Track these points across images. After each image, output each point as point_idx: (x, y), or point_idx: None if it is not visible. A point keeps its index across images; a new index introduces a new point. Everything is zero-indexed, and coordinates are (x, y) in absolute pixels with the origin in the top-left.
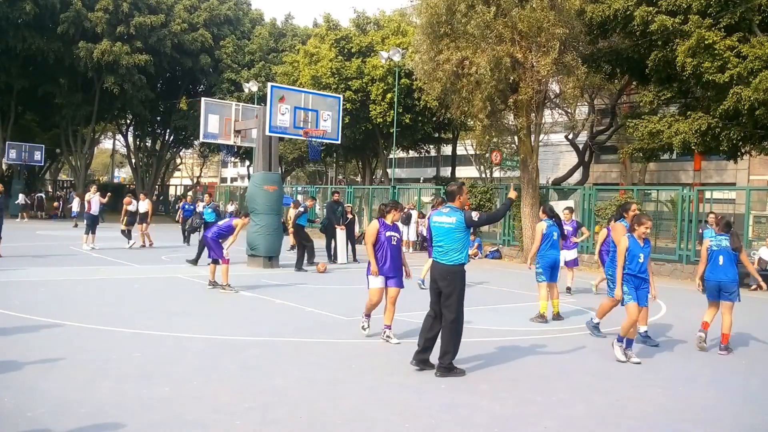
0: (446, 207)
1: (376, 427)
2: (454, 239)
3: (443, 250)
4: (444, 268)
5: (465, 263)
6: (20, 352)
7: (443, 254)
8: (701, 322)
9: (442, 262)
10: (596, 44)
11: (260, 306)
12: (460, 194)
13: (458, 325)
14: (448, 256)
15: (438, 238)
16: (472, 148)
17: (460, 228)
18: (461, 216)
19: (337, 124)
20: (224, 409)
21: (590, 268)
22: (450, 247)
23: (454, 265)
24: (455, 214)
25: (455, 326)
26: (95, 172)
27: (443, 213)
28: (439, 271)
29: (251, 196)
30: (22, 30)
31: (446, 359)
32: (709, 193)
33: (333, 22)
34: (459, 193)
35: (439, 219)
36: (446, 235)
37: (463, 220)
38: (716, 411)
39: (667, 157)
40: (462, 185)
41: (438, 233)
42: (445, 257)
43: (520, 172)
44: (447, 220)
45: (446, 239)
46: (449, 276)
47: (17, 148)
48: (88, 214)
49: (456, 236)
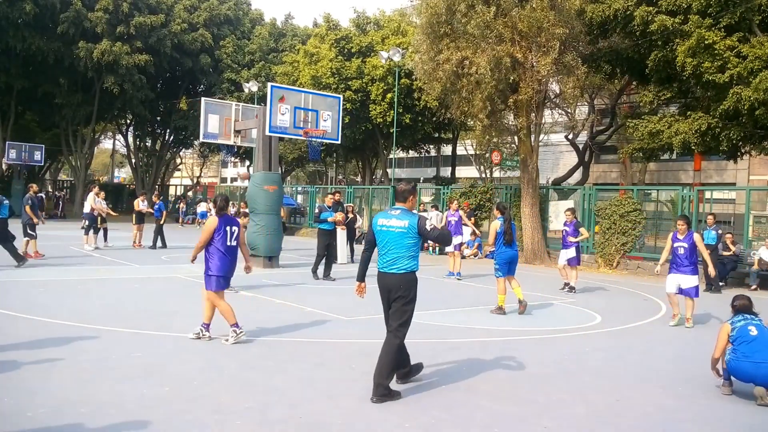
0: (395, 209)
1: (376, 427)
2: (404, 245)
3: (392, 257)
4: (396, 278)
5: (416, 270)
6: (20, 352)
7: (392, 263)
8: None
9: (391, 272)
10: (596, 44)
11: (260, 306)
12: (412, 195)
13: (402, 340)
14: (399, 264)
15: (386, 245)
16: (472, 148)
17: (412, 233)
18: (414, 220)
19: (337, 124)
20: (224, 409)
21: (590, 267)
22: (400, 254)
23: (407, 273)
24: (407, 217)
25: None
26: (95, 172)
27: (392, 215)
28: (391, 282)
29: (251, 196)
30: (22, 30)
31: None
32: (709, 193)
33: (333, 22)
34: (411, 194)
35: (387, 222)
36: (396, 241)
37: (416, 225)
38: (716, 411)
39: (667, 157)
40: (414, 187)
41: (386, 239)
42: (394, 266)
43: (520, 172)
44: (397, 223)
45: (396, 245)
46: (404, 286)
47: (17, 148)
48: (89, 214)
49: (407, 242)
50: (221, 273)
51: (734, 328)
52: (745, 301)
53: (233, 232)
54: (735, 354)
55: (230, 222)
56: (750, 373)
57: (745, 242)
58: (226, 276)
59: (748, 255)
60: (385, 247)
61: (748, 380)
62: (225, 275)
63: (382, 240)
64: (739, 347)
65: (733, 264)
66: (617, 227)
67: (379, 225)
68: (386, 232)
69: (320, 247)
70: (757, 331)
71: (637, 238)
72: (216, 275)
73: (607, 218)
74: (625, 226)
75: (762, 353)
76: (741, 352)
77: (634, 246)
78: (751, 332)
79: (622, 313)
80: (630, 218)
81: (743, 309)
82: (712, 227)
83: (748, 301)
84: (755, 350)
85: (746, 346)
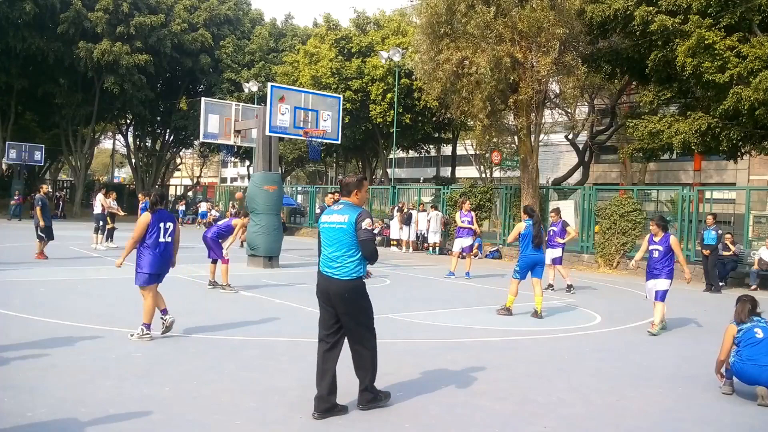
0: (340, 203)
1: (376, 427)
2: (345, 244)
3: (332, 258)
4: (340, 285)
5: (363, 275)
6: (20, 352)
7: (333, 264)
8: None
9: (335, 276)
10: (596, 44)
11: (260, 306)
12: (358, 189)
13: (374, 350)
14: (340, 267)
15: (328, 244)
16: (472, 148)
17: (353, 230)
18: (354, 215)
19: (337, 124)
20: (224, 409)
21: (590, 267)
22: (341, 254)
23: (351, 280)
24: (348, 211)
25: (371, 353)
26: (95, 172)
27: (334, 210)
28: (335, 290)
29: (251, 196)
30: (22, 30)
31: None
32: (709, 193)
33: (333, 22)
34: (358, 188)
35: (328, 218)
36: (338, 240)
37: (354, 222)
38: (716, 411)
39: (667, 157)
40: (362, 180)
41: (328, 236)
42: (339, 270)
43: (520, 172)
44: (338, 219)
45: (338, 245)
46: (349, 294)
47: (17, 148)
48: (101, 214)
49: (348, 241)
50: (152, 270)
51: (740, 329)
52: (749, 304)
53: (167, 228)
54: (739, 356)
55: (164, 218)
56: (754, 376)
57: (745, 242)
58: (158, 273)
59: (748, 255)
60: (326, 246)
61: (753, 383)
62: (155, 272)
63: (324, 238)
64: (744, 349)
65: (733, 264)
66: (617, 227)
67: (322, 221)
68: (327, 228)
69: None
70: (763, 333)
71: (637, 238)
72: (146, 272)
73: (607, 218)
74: (625, 226)
75: (766, 356)
76: (746, 354)
77: (634, 246)
78: (757, 335)
79: (622, 313)
80: (630, 218)
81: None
82: (712, 227)
83: (752, 302)
84: (760, 353)
85: (751, 349)
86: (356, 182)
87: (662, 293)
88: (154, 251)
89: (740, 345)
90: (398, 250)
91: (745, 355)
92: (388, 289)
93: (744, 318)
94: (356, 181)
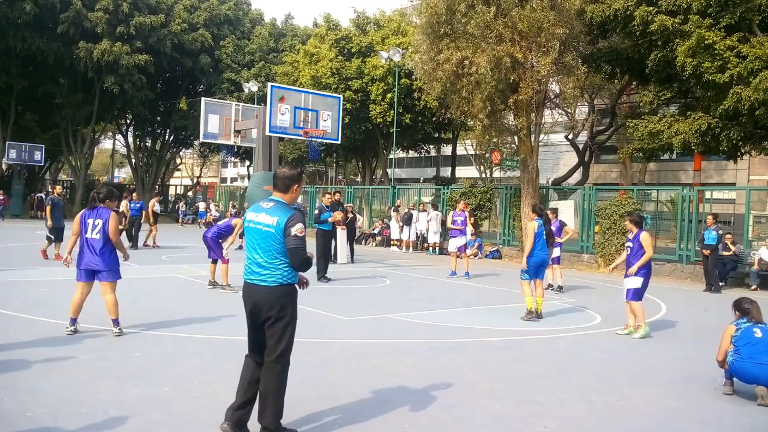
0: (270, 200)
1: (376, 427)
2: (274, 250)
3: (258, 264)
4: (265, 293)
5: (295, 282)
6: (20, 352)
7: (259, 271)
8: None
9: (263, 284)
10: (596, 44)
11: None
12: (298, 184)
13: (285, 367)
14: (271, 275)
15: (254, 247)
16: (472, 148)
17: (281, 234)
18: (284, 218)
19: (337, 124)
20: (224, 409)
21: (590, 267)
22: (269, 260)
23: (280, 287)
24: (279, 212)
25: (281, 370)
26: (95, 172)
27: (263, 209)
28: (261, 297)
29: (251, 196)
30: (22, 30)
31: (271, 420)
32: (709, 193)
33: (333, 22)
34: (297, 183)
35: (255, 217)
36: (264, 243)
37: (284, 227)
38: (716, 411)
39: (667, 157)
40: (300, 173)
41: (254, 239)
42: (267, 277)
43: (520, 172)
44: (266, 219)
45: (264, 249)
46: (278, 302)
47: (17, 148)
48: None
49: (278, 247)
50: (80, 266)
51: (738, 329)
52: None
53: (96, 225)
54: (739, 355)
55: (93, 215)
56: (754, 374)
57: (745, 242)
58: (84, 269)
59: (748, 255)
60: (251, 249)
61: (752, 381)
62: (83, 268)
63: (249, 240)
64: (743, 348)
65: (733, 264)
66: (617, 227)
67: (248, 220)
68: (253, 230)
69: (320, 248)
70: (762, 333)
71: None
72: (78, 268)
73: (607, 218)
74: (625, 226)
75: (766, 355)
76: (745, 353)
77: None
78: (756, 334)
79: (622, 313)
80: None
81: (750, 313)
82: (713, 227)
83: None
84: (759, 351)
85: (751, 348)
86: (296, 176)
87: (632, 291)
88: (81, 247)
89: (738, 344)
90: (398, 250)
91: (744, 353)
92: (388, 289)
93: (760, 318)
94: (296, 175)
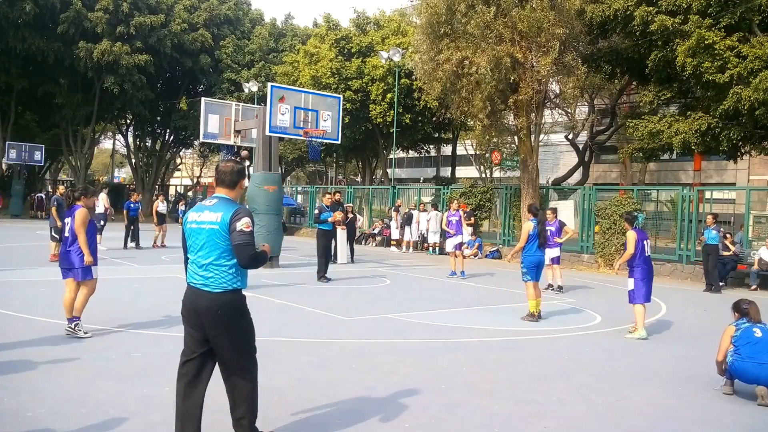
0: (213, 197)
1: (376, 428)
2: (219, 249)
3: (201, 267)
4: (212, 300)
5: (244, 288)
6: (20, 352)
7: (208, 276)
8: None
9: (205, 289)
10: (596, 44)
11: (260, 306)
12: (241, 179)
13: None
14: (215, 278)
15: (196, 248)
16: (472, 148)
17: (226, 231)
18: (229, 213)
19: (337, 124)
20: (224, 409)
21: (590, 267)
22: (215, 261)
23: (226, 293)
24: (223, 208)
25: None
26: (95, 172)
27: (205, 207)
28: (205, 306)
29: (251, 196)
30: (22, 30)
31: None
32: (709, 193)
33: (333, 22)
34: (241, 178)
35: (197, 216)
36: (209, 243)
37: (229, 221)
38: (716, 411)
39: (667, 157)
40: (243, 168)
41: (196, 239)
42: (210, 281)
43: (520, 172)
44: (210, 217)
45: (209, 249)
46: (223, 311)
47: (17, 148)
48: (102, 214)
49: (223, 245)
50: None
51: (738, 329)
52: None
53: (67, 222)
54: (739, 355)
55: (69, 214)
56: (754, 374)
57: (745, 242)
58: (60, 266)
59: (748, 255)
60: (194, 251)
61: (752, 381)
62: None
63: (191, 242)
64: (743, 348)
65: (733, 264)
66: (617, 227)
67: (189, 220)
68: (196, 230)
69: (320, 248)
70: (762, 333)
71: None
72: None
73: (607, 218)
74: (625, 226)
75: (766, 354)
76: (745, 353)
77: None
78: (756, 334)
79: (622, 313)
80: None
81: (749, 314)
82: (713, 227)
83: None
84: (759, 351)
85: (751, 348)
86: (239, 171)
87: (629, 294)
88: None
89: (738, 344)
90: (398, 251)
91: (745, 353)
92: (388, 289)
93: (759, 318)
94: (239, 170)
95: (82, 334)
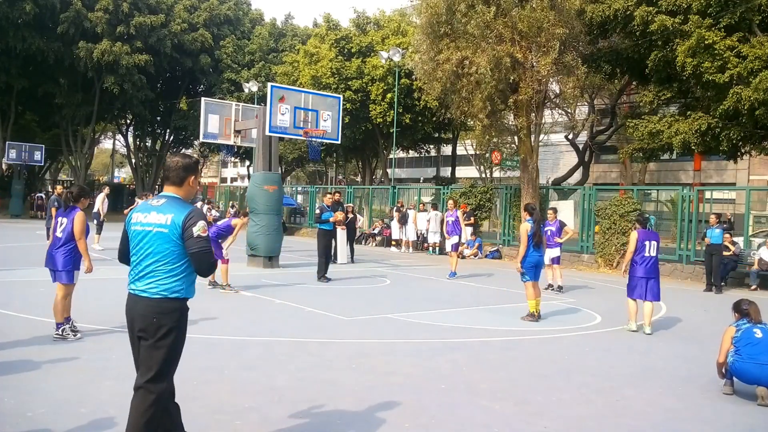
0: (161, 197)
1: (376, 428)
2: (167, 254)
3: (143, 271)
4: (146, 306)
5: (188, 297)
6: (20, 352)
7: (143, 280)
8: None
9: (143, 295)
10: (596, 44)
11: (260, 306)
12: (194, 175)
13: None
14: (153, 282)
15: (138, 252)
16: (472, 148)
17: (177, 236)
18: (181, 216)
19: (337, 124)
20: (224, 409)
21: (590, 267)
22: (157, 267)
23: (164, 300)
24: (173, 209)
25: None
26: (95, 172)
27: (152, 207)
28: (140, 311)
29: (251, 196)
30: (22, 30)
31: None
32: (709, 193)
33: (333, 22)
34: (193, 174)
35: (142, 218)
36: (154, 247)
37: (182, 225)
38: (716, 411)
39: (667, 157)
40: (196, 163)
41: (140, 243)
42: (150, 286)
43: (520, 172)
44: (157, 219)
45: (154, 254)
46: (158, 318)
47: (17, 148)
48: (96, 213)
49: (171, 250)
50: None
51: (739, 330)
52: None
53: (62, 223)
54: (740, 355)
55: (65, 214)
56: (755, 374)
57: (745, 242)
58: (47, 266)
59: (748, 255)
60: (137, 255)
61: (753, 382)
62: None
63: (134, 245)
64: (744, 348)
65: (733, 264)
66: (617, 227)
67: (133, 222)
68: (140, 232)
69: (321, 248)
70: (762, 333)
71: None
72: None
73: (607, 218)
74: (625, 226)
75: (767, 355)
76: (746, 353)
77: None
78: (756, 335)
79: (622, 313)
80: (630, 218)
81: (749, 314)
82: (716, 226)
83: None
84: (760, 352)
85: (751, 348)
86: (192, 165)
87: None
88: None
89: (739, 345)
90: (398, 250)
91: (745, 354)
92: (388, 289)
93: (760, 319)
94: (192, 164)
95: (72, 337)
